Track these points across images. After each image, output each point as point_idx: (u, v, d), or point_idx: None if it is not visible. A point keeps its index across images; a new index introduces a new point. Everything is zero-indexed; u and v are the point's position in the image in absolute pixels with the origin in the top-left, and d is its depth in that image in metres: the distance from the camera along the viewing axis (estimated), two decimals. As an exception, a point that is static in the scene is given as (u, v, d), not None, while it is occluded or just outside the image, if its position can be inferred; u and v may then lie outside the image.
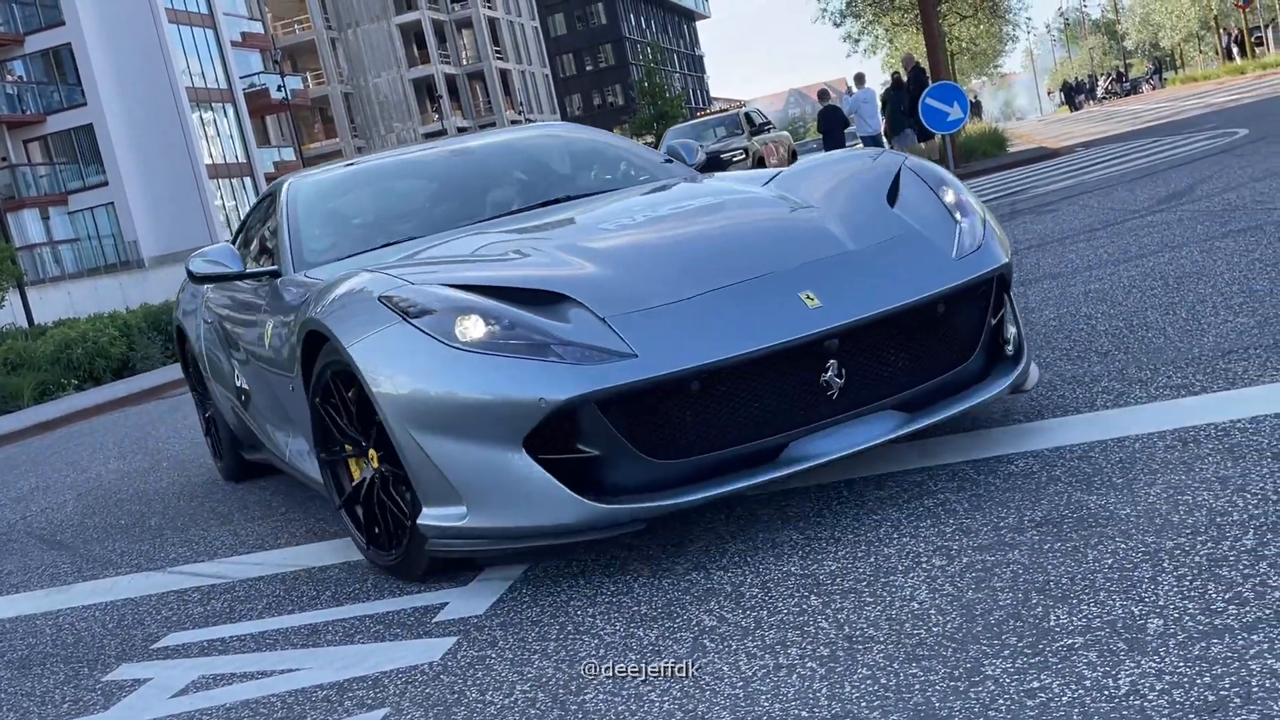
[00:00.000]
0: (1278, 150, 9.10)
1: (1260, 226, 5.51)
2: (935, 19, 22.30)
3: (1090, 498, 2.51)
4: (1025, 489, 2.67)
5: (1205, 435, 2.72)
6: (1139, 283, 4.84)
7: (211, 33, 45.53)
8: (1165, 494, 2.42)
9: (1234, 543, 2.10)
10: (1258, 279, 4.31)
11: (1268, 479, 2.36)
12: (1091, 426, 3.01)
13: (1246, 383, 3.06)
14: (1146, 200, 7.89)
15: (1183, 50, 64.32)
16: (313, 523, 4.10)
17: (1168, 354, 3.55)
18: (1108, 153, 14.52)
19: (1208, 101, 23.74)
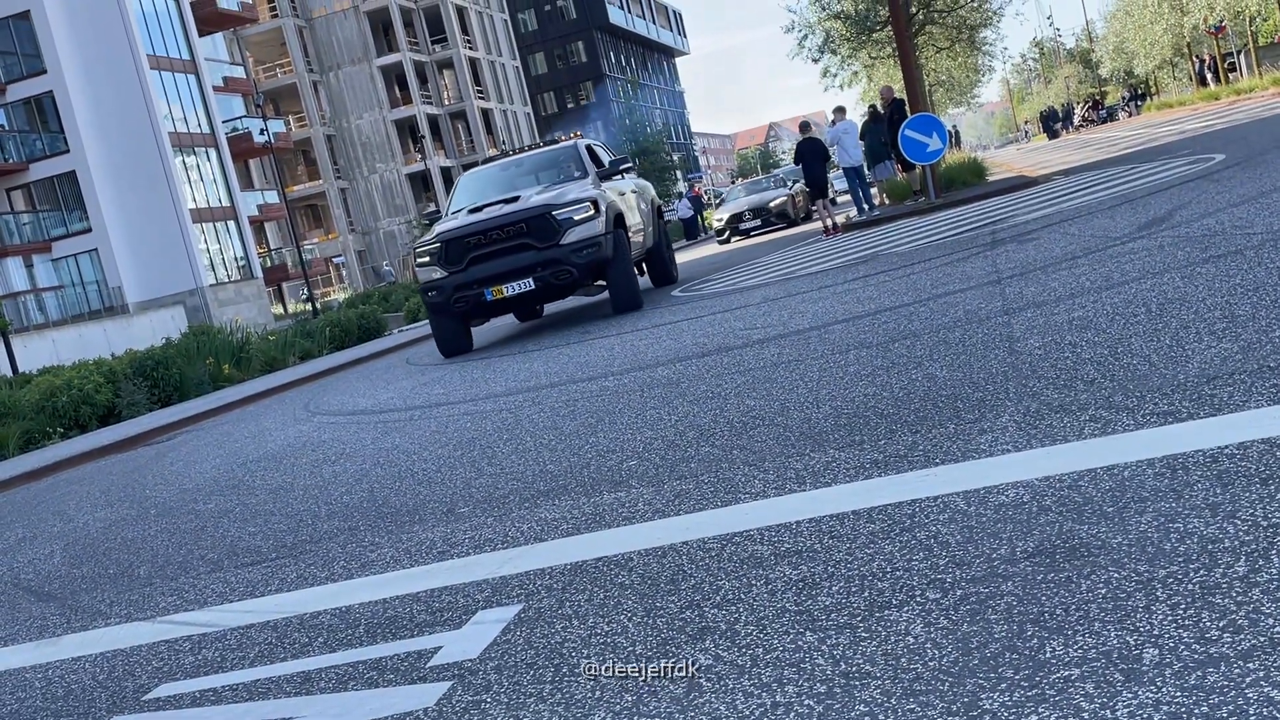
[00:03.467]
0: (1254, 175, 9.19)
1: (1240, 251, 5.56)
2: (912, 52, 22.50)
3: (1081, 527, 2.51)
4: (1017, 519, 2.67)
5: (1194, 462, 2.73)
6: (1122, 310, 4.87)
7: (193, 78, 45.63)
8: (1156, 522, 2.43)
9: (1226, 570, 2.11)
10: (1240, 304, 4.34)
11: (1257, 505, 2.37)
12: (1080, 455, 3.02)
13: (1233, 408, 3.08)
14: (1127, 227, 7.96)
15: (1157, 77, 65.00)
16: (303, 568, 4.08)
17: (1153, 381, 3.57)
18: (1086, 180, 14.64)
19: (1183, 128, 23.98)
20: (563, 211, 11.61)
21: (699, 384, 5.90)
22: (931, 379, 4.50)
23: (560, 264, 11.57)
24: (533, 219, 11.61)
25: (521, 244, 11.59)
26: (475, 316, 12.41)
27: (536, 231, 11.60)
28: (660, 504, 3.68)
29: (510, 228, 11.62)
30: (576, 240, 11.59)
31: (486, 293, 11.66)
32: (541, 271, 11.57)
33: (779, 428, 4.35)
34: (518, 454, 5.25)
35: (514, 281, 11.61)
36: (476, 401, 7.75)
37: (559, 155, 13.99)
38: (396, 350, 18.33)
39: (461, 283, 11.70)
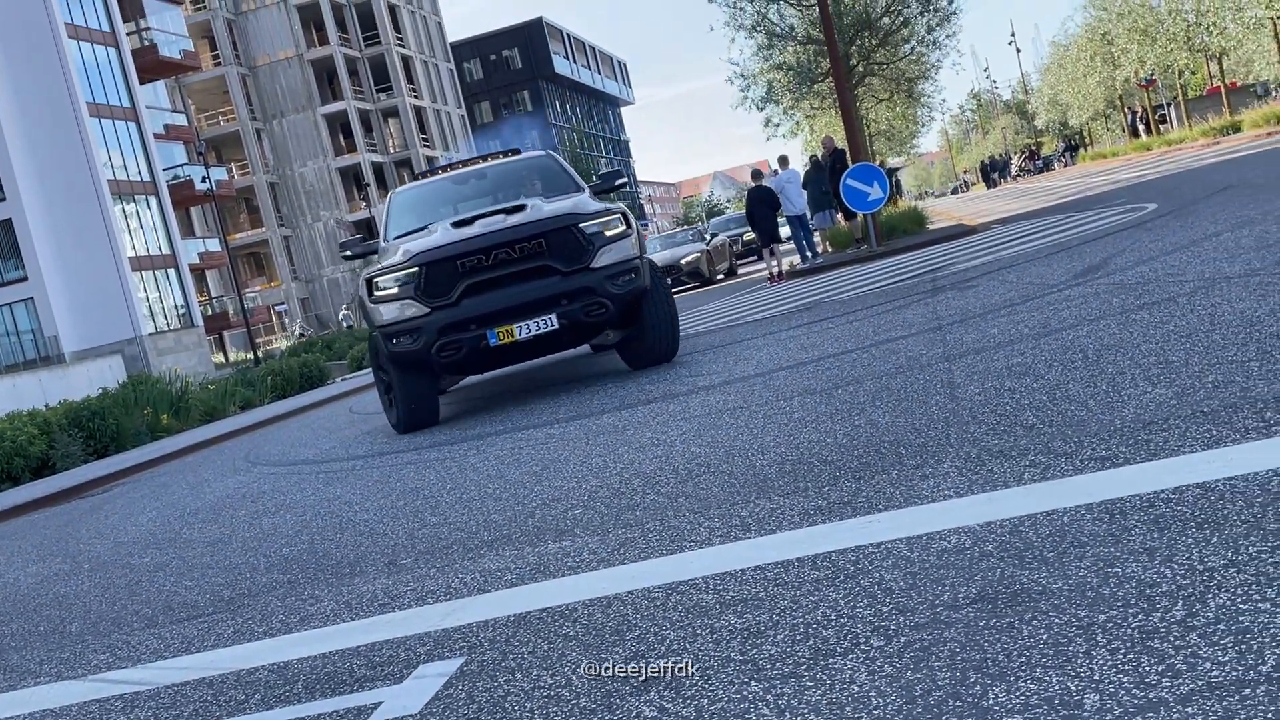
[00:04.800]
0: (1185, 224, 9.42)
1: (1173, 299, 5.68)
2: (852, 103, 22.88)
3: (1023, 573, 2.53)
4: (959, 565, 2.68)
5: (1131, 507, 2.77)
6: (1060, 356, 4.95)
7: (134, 125, 45.26)
8: (1095, 567, 2.45)
9: (1164, 614, 2.13)
10: (1173, 350, 4.43)
11: (1193, 549, 2.40)
12: (1021, 500, 3.05)
13: (1168, 453, 3.12)
14: (1063, 275, 8.11)
15: (1091, 128, 66.64)
16: (240, 622, 4.00)
17: (1091, 426, 3.62)
18: (1024, 229, 14.92)
19: (1117, 178, 24.56)
20: (591, 224, 8.41)
21: (644, 431, 5.89)
22: (875, 425, 4.53)
23: (593, 295, 8.27)
24: (554, 233, 8.27)
25: (540, 267, 8.28)
26: (468, 370, 9.30)
27: (559, 250, 8.27)
28: (605, 553, 3.65)
29: (523, 245, 8.22)
30: (612, 264, 8.38)
31: (490, 335, 8.24)
32: (568, 305, 8.25)
33: (724, 475, 4.35)
34: (461, 503, 5.20)
35: (530, 319, 8.20)
36: (420, 450, 7.68)
37: (534, 166, 10.69)
38: (340, 399, 18.15)
39: (452, 321, 8.25)
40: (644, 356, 9.07)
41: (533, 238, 8.26)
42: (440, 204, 10.28)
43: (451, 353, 8.39)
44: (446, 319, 8.31)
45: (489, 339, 8.31)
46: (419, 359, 8.50)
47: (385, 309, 8.53)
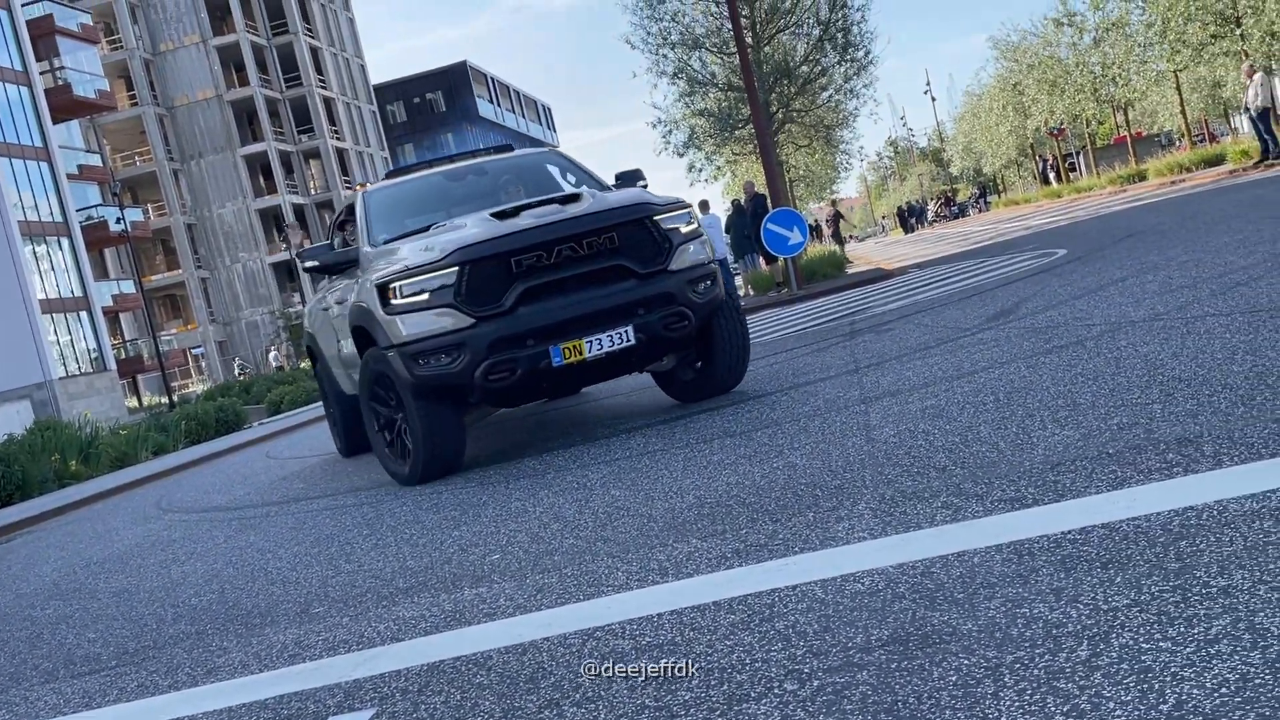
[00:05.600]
0: (1093, 269, 9.68)
1: (1080, 342, 5.82)
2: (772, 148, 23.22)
3: (934, 614, 2.55)
4: (872, 607, 2.70)
5: (1039, 547, 2.81)
6: (972, 398, 5.03)
7: (46, 165, 44.34)
8: (1004, 607, 2.48)
9: (1070, 654, 2.16)
10: (1080, 392, 4.53)
11: (1098, 589, 2.44)
12: (933, 542, 3.08)
13: (1075, 494, 3.18)
14: (976, 318, 8.27)
15: (1004, 175, 68.39)
16: (145, 676, 3.87)
17: (1001, 468, 3.68)
18: (939, 273, 15.22)
19: (1028, 224, 25.20)
20: (667, 217, 6.88)
21: (565, 474, 5.86)
22: (792, 467, 4.56)
23: (673, 303, 6.70)
24: (626, 226, 6.69)
25: (612, 268, 6.63)
26: (514, 400, 7.10)
27: (632, 247, 6.67)
28: (522, 599, 3.61)
29: (591, 240, 6.54)
30: (691, 266, 6.87)
31: (554, 352, 6.43)
32: (645, 315, 6.61)
33: (643, 518, 4.33)
34: (377, 550, 5.11)
35: (603, 332, 6.49)
36: (337, 496, 7.55)
37: (542, 162, 8.96)
38: (256, 444, 17.81)
39: (506, 335, 6.39)
40: (705, 386, 7.50)
41: (602, 231, 6.56)
42: (433, 203, 8.24)
43: (503, 376, 6.39)
44: (498, 331, 6.35)
45: (552, 357, 6.40)
46: (456, 384, 6.47)
47: (408, 321, 6.46)
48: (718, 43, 31.06)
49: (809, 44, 33.02)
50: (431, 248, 6.62)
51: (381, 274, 6.71)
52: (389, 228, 7.78)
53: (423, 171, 8.77)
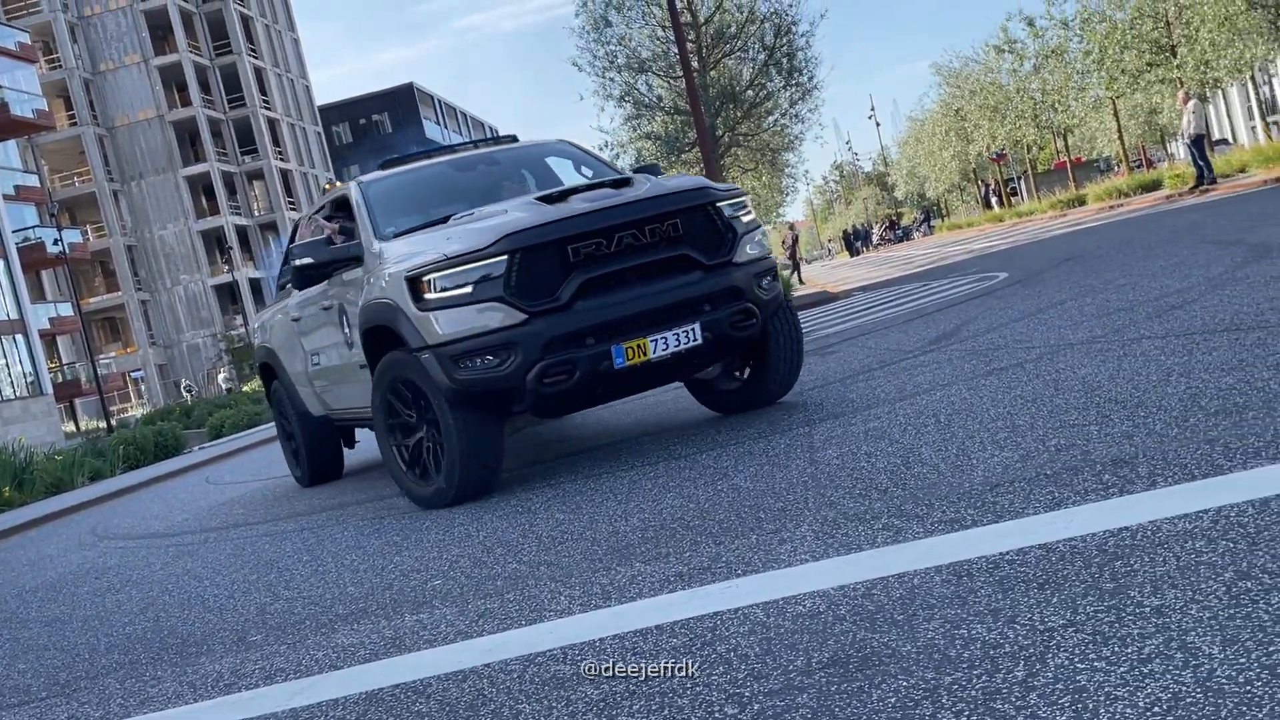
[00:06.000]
0: (1033, 292, 9.82)
1: (1021, 364, 5.89)
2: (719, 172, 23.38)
3: (874, 636, 2.56)
4: (813, 630, 2.70)
5: (978, 568, 2.83)
6: (914, 420, 5.07)
7: (-19, 185, 43.53)
8: (943, 629, 2.49)
9: (1006, 675, 2.17)
10: (1020, 414, 4.58)
11: (1035, 609, 2.46)
12: (873, 563, 3.09)
13: (1013, 515, 3.21)
14: (918, 341, 8.35)
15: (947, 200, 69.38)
16: (76, 708, 3.78)
17: (941, 489, 3.71)
18: (883, 296, 15.37)
19: (970, 247, 25.55)
20: (728, 204, 6.17)
21: (508, 498, 5.82)
22: (736, 490, 4.56)
23: (741, 299, 6.00)
24: (690, 212, 5.97)
25: (677, 259, 5.90)
26: (567, 407, 6.24)
27: (696, 236, 5.97)
28: (463, 625, 3.57)
29: (654, 226, 5.82)
30: (756, 259, 6.22)
31: (617, 353, 5.67)
32: (711, 312, 5.90)
33: (587, 541, 4.31)
34: (317, 576, 5.04)
35: (669, 330, 5.76)
36: (277, 522, 7.45)
37: (556, 152, 8.20)
38: (196, 469, 17.54)
39: (564, 333, 5.63)
40: (752, 396, 6.79)
41: (666, 217, 5.85)
42: (442, 195, 7.36)
43: (560, 378, 5.60)
44: (554, 329, 5.58)
45: (614, 358, 5.65)
46: (504, 390, 5.66)
47: (448, 318, 5.62)
48: (664, 66, 31.26)
49: (754, 68, 33.34)
50: (490, 231, 5.69)
51: (414, 264, 5.74)
52: (395, 221, 6.77)
53: (421, 162, 7.83)
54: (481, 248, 5.60)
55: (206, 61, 69.57)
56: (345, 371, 7.25)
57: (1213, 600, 2.27)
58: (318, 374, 7.94)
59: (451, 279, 5.63)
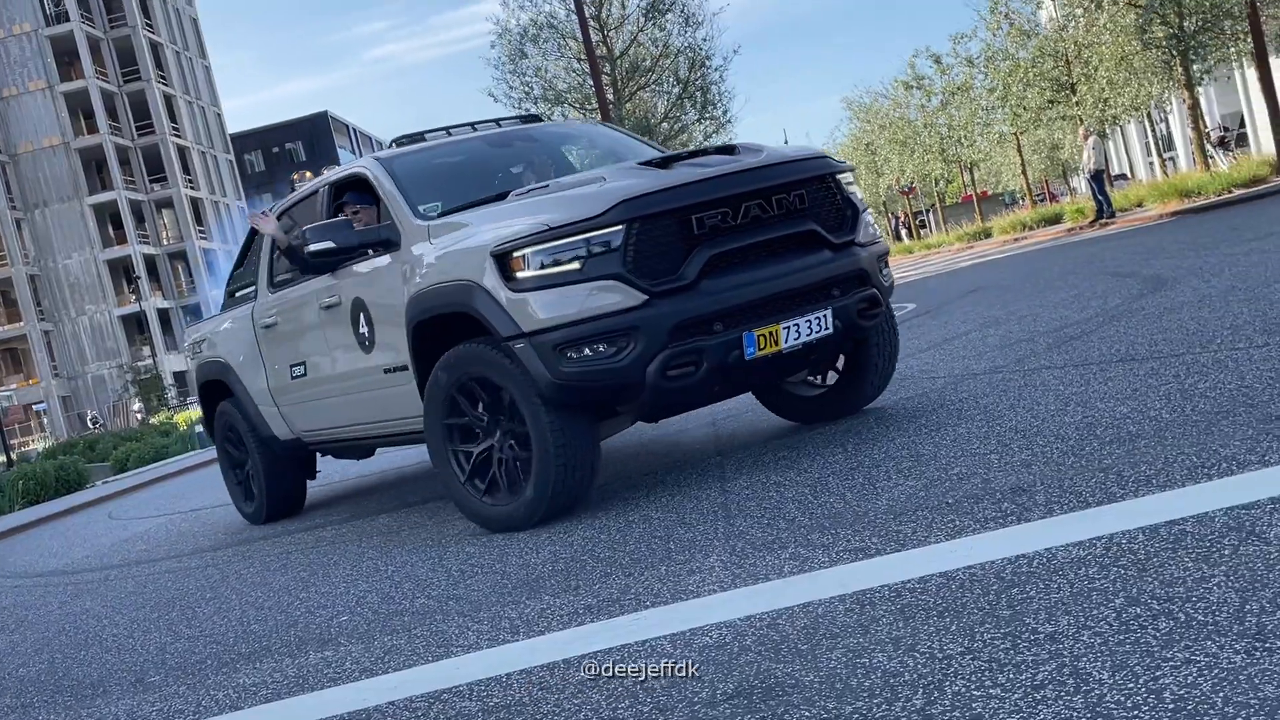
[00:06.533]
0: (940, 323, 10.02)
1: (925, 394, 6.00)
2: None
3: (778, 666, 2.57)
4: (718, 661, 2.71)
5: (880, 597, 2.87)
6: (821, 449, 5.13)
7: (-126, 211, 42.06)
8: (845, 658, 2.52)
9: (905, 703, 2.20)
10: (923, 444, 4.66)
11: (934, 637, 2.50)
12: (780, 593, 3.12)
13: (915, 543, 3.26)
14: (830, 371, 8.45)
15: (859, 232, 70.34)
16: (-38, 756, 3.64)
17: (846, 518, 3.75)
18: (797, 326, 15.50)
19: (882, 278, 25.93)
20: (846, 179, 5.49)
21: (419, 530, 5.76)
22: (648, 520, 4.57)
23: (867, 283, 5.32)
24: (816, 182, 5.24)
25: (805, 235, 5.14)
26: (688, 405, 5.52)
27: (821, 211, 5.25)
28: (369, 662, 3.52)
29: (781, 196, 5.06)
30: (874, 240, 5.54)
31: (748, 341, 4.86)
32: (839, 298, 5.18)
33: (497, 575, 4.28)
34: (220, 614, 4.93)
35: (802, 316, 4.99)
36: (182, 558, 7.27)
37: (596, 133, 7.50)
38: (99, 504, 17.05)
39: (693, 316, 4.80)
40: (841, 401, 5.98)
41: (792, 186, 5.11)
42: (480, 173, 6.48)
43: (686, 370, 4.77)
44: (680, 312, 4.74)
45: (745, 347, 4.84)
46: (619, 385, 4.80)
47: (551, 299, 4.73)
48: (580, 99, 31.39)
49: (669, 102, 33.66)
50: (573, 203, 4.86)
51: (501, 239, 4.86)
52: (439, 198, 5.91)
53: (439, 139, 6.85)
54: (592, 216, 4.70)
55: (114, 88, 68.19)
56: (356, 379, 6.14)
57: (1104, 626, 2.33)
58: (300, 386, 6.82)
59: (554, 253, 4.73)
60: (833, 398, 6.01)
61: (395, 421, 6.07)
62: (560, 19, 29.27)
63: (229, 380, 7.74)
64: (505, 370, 4.91)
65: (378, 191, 5.97)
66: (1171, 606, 2.33)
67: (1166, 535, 2.77)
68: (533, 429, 4.89)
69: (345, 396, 6.38)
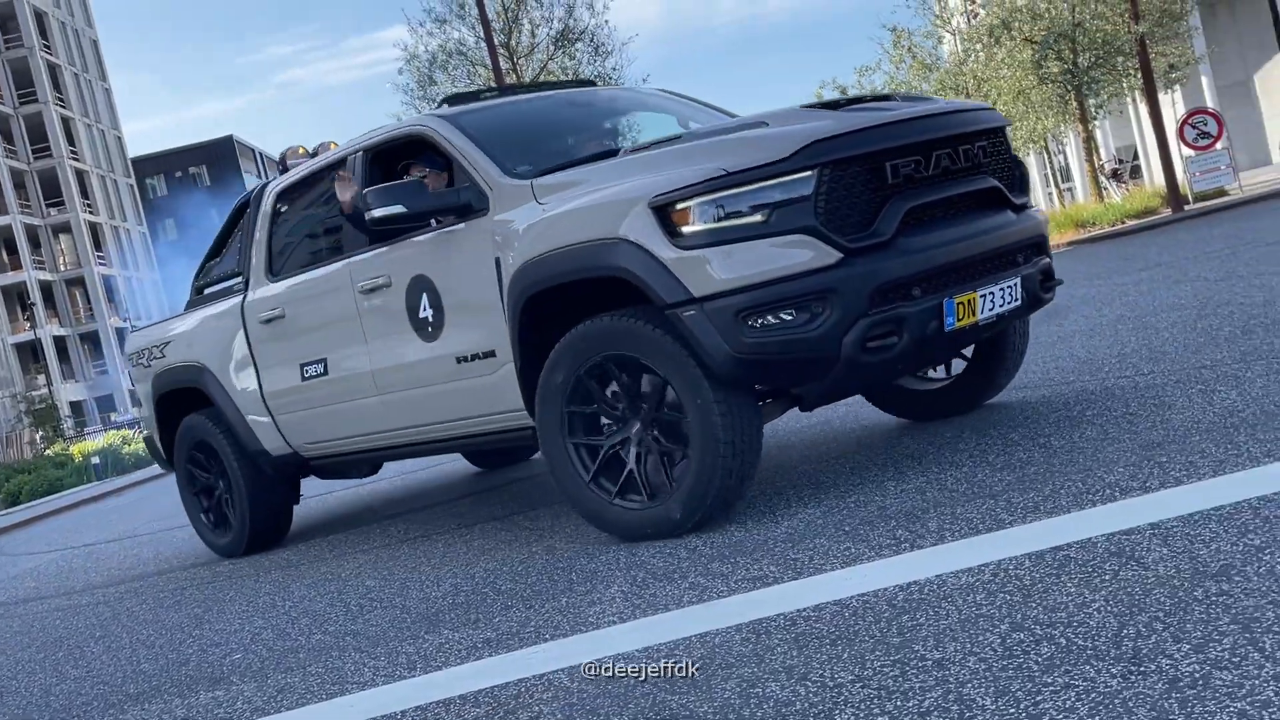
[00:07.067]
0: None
1: (828, 421, 6.08)
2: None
3: (673, 698, 2.57)
4: (614, 694, 2.70)
5: (775, 625, 2.89)
6: (725, 478, 5.16)
7: None
8: (739, 688, 2.52)
9: (795, 732, 2.21)
10: (824, 471, 4.71)
11: (827, 665, 2.52)
12: (678, 623, 3.12)
13: (812, 571, 3.29)
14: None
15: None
16: None
17: (746, 545, 3.77)
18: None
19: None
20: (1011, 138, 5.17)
21: (319, 565, 5.66)
22: (551, 551, 4.54)
23: (1043, 253, 4.83)
24: (992, 134, 4.66)
25: (989, 192, 4.55)
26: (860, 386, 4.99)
27: (999, 167, 4.69)
28: (260, 701, 3.44)
29: (966, 147, 4.45)
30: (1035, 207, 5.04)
31: (948, 309, 4.15)
32: (1023, 267, 4.60)
33: (396, 609, 4.22)
34: (109, 653, 4.78)
35: (996, 284, 4.37)
36: (71, 595, 7.04)
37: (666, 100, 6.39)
38: (-11, 539, 16.45)
39: (895, 279, 4.06)
40: (969, 395, 5.35)
41: (975, 136, 4.52)
42: (557, 133, 5.74)
43: (887, 342, 4.02)
44: (882, 272, 4.02)
45: (945, 316, 4.14)
46: (810, 359, 4.01)
47: (731, 257, 3.98)
48: (491, 125, 31.31)
49: (581, 129, 33.71)
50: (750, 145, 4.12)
51: (662, 186, 4.11)
52: (521, 155, 5.13)
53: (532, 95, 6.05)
54: (777, 160, 3.99)
55: (9, 110, 66.30)
56: (410, 373, 5.23)
57: (989, 652, 2.37)
58: (313, 388, 5.89)
59: (731, 203, 4.01)
60: (956, 391, 5.34)
61: (467, 421, 5.11)
62: (470, 46, 29.18)
63: (206, 387, 6.58)
64: (659, 346, 4.11)
65: (447, 150, 5.09)
66: (1054, 631, 2.38)
67: (1052, 561, 2.84)
68: (696, 416, 4.06)
69: (389, 395, 5.40)
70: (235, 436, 6.47)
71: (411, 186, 4.94)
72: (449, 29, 28.76)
